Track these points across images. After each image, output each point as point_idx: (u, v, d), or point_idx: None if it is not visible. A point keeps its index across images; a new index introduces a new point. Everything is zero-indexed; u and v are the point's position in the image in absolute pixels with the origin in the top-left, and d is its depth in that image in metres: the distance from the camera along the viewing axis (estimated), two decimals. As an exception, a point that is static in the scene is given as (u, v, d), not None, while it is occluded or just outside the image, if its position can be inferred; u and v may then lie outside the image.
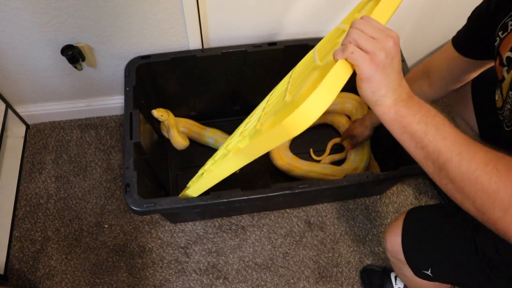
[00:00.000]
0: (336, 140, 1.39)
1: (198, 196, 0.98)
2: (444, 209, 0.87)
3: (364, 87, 0.55)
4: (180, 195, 1.00)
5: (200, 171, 1.09)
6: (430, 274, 0.83)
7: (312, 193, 1.01)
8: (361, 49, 0.54)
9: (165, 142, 1.36)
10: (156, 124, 1.34)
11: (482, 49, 0.81)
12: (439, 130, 0.53)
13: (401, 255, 0.87)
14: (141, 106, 1.15)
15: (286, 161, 1.29)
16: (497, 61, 0.73)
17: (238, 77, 1.30)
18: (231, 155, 0.71)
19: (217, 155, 1.03)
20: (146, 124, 1.21)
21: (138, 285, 1.19)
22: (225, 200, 0.98)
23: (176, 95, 1.33)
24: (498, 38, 0.73)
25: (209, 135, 1.35)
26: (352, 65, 0.55)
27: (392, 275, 1.18)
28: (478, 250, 0.74)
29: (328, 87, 0.51)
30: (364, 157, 1.28)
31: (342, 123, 1.39)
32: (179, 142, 1.27)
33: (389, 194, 1.35)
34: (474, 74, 0.92)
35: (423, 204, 1.34)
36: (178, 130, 1.29)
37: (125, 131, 1.07)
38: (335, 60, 0.55)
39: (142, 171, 1.06)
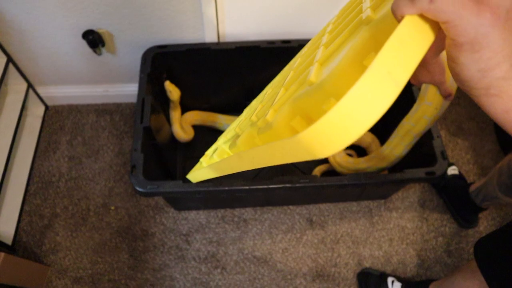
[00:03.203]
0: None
1: (201, 182, 1.00)
2: None
3: (466, 61, 0.29)
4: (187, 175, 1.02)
5: (213, 146, 1.10)
6: None
7: (312, 188, 1.02)
8: None
9: (176, 131, 1.39)
10: (168, 113, 1.37)
11: None
12: None
13: None
14: (155, 94, 1.19)
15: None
16: None
17: (251, 72, 1.32)
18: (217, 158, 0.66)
19: (229, 133, 1.03)
20: (160, 113, 1.25)
21: (138, 267, 1.22)
22: (227, 188, 1.00)
23: (190, 86, 1.36)
24: None
25: (225, 122, 1.41)
26: (432, 24, 0.29)
27: (389, 280, 1.17)
28: None
29: (396, 58, 0.27)
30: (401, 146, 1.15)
31: (367, 141, 1.35)
32: (181, 136, 1.34)
33: (394, 199, 1.34)
34: None
35: (427, 212, 1.33)
36: (180, 125, 1.34)
37: (136, 115, 1.10)
38: (399, 16, 0.30)
39: (149, 155, 1.09)
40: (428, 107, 1.03)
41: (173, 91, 1.25)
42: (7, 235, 1.23)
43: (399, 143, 1.13)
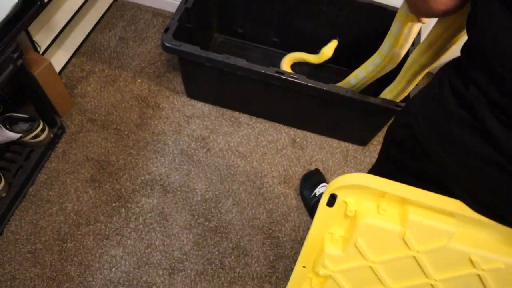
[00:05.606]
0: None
1: (210, 52, 1.23)
2: None
3: None
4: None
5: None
6: None
7: (299, 86, 1.22)
8: None
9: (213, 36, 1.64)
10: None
11: None
12: None
13: None
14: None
15: None
16: None
17: (281, 8, 1.54)
18: None
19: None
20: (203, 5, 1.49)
21: (141, 126, 1.45)
22: (232, 62, 1.23)
23: (229, 6, 1.59)
24: None
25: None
26: None
27: (322, 184, 1.33)
28: None
29: None
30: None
31: None
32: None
33: (371, 149, 1.50)
34: None
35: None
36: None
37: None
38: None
39: (183, 28, 1.33)
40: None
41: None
42: (52, 72, 1.51)
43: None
